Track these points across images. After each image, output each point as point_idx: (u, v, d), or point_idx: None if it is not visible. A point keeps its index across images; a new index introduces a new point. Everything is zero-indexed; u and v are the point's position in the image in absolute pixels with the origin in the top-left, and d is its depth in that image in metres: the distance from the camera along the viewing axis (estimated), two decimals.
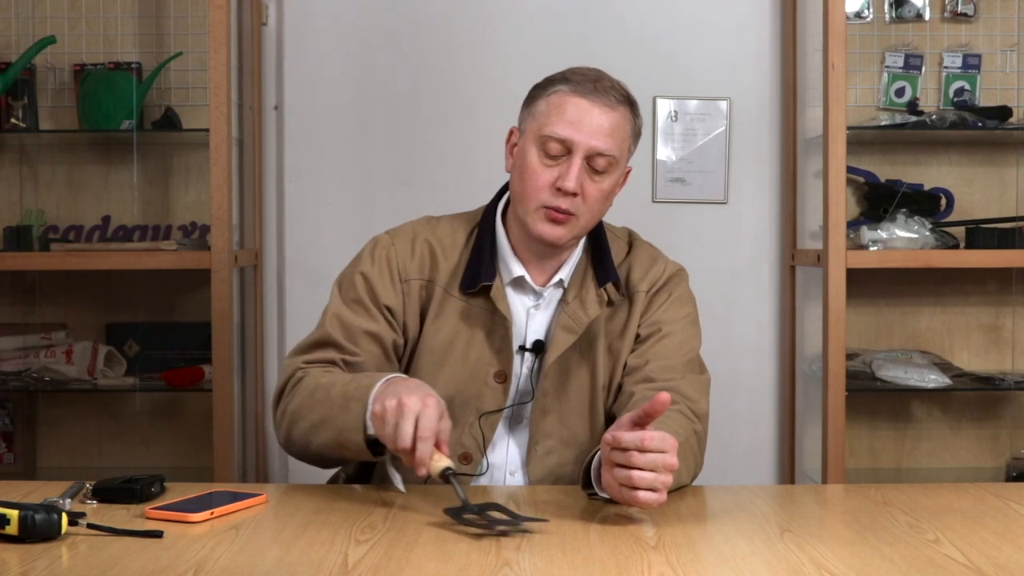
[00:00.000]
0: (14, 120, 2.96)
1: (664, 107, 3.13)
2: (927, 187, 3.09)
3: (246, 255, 3.00)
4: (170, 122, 2.98)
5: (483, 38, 3.14)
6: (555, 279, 1.91)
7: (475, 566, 1.33)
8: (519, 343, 1.89)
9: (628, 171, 1.92)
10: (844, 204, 2.76)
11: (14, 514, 1.40)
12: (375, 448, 1.68)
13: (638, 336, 1.91)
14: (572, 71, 1.86)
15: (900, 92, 3.09)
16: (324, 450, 1.75)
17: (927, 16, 3.10)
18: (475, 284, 1.87)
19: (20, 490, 1.69)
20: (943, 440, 3.17)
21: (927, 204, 3.04)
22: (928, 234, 2.88)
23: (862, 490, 1.81)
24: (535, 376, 1.88)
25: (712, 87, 3.14)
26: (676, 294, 1.95)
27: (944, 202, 3.08)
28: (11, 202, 3.07)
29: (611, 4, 3.14)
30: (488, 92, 3.11)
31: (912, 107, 3.05)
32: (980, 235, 2.90)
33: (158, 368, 3.00)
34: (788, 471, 3.15)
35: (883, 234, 2.86)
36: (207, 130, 2.76)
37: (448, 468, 1.57)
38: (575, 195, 1.81)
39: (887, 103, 3.11)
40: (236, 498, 1.62)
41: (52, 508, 1.43)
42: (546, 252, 1.89)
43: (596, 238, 1.93)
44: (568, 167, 1.80)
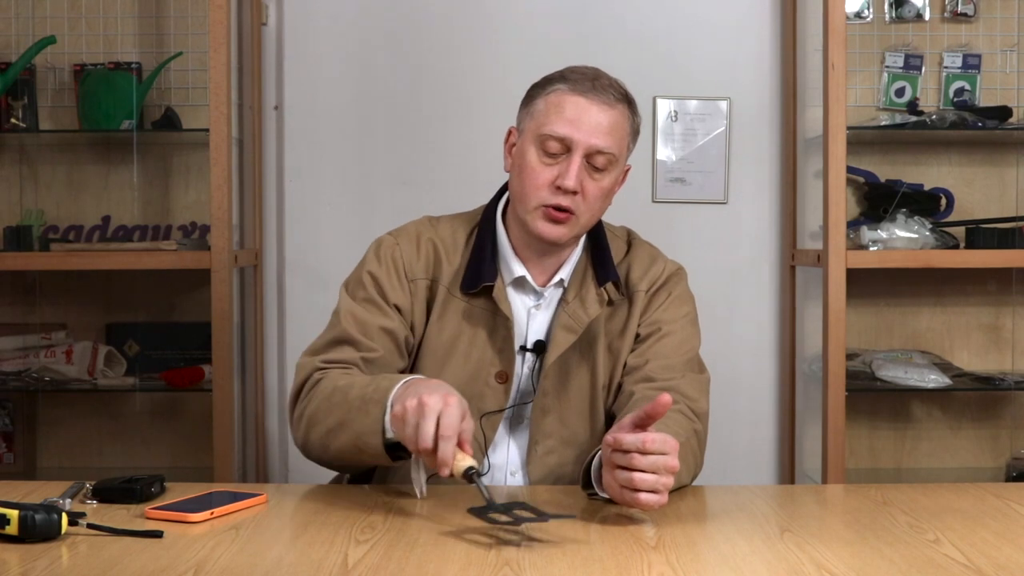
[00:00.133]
0: (14, 120, 2.96)
1: (664, 107, 3.13)
2: (927, 187, 3.09)
3: (246, 255, 3.00)
4: (170, 122, 2.98)
5: (483, 38, 3.14)
6: (555, 279, 1.91)
7: (475, 566, 1.32)
8: (520, 343, 1.88)
9: (627, 169, 1.92)
10: (844, 204, 2.76)
11: (14, 514, 1.40)
12: (394, 453, 1.65)
13: (638, 335, 1.91)
14: (570, 70, 1.86)
15: (900, 92, 3.09)
16: (342, 454, 1.71)
17: (927, 16, 3.10)
18: (477, 284, 1.87)
19: (20, 490, 1.69)
20: (943, 440, 3.17)
21: (927, 204, 3.04)
22: (928, 234, 2.88)
23: (862, 490, 1.81)
24: (536, 376, 1.88)
25: (712, 87, 3.14)
26: (675, 293, 1.95)
27: (944, 202, 3.08)
28: (11, 202, 3.07)
29: (611, 4, 3.14)
30: (488, 92, 3.11)
31: (912, 107, 3.05)
32: (980, 235, 2.90)
33: (158, 368, 3.00)
34: (788, 471, 3.15)
35: (883, 234, 2.86)
36: (207, 130, 2.76)
37: (471, 467, 1.53)
38: (575, 193, 1.81)
39: (887, 103, 3.11)
40: (236, 498, 1.62)
41: (52, 508, 1.43)
42: (546, 251, 1.89)
43: (596, 237, 1.93)
44: (568, 165, 1.80)
